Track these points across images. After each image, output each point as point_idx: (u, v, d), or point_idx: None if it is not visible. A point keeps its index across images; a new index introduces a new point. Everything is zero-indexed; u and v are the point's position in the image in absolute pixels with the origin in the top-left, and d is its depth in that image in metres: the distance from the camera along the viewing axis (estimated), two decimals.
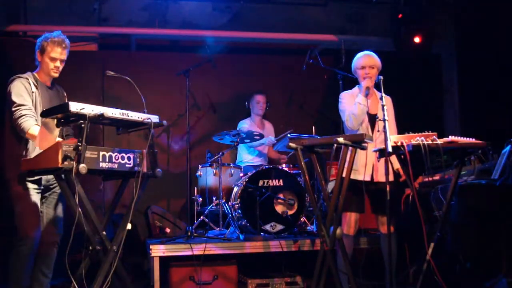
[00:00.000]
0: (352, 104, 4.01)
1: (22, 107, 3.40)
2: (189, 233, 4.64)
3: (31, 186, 3.49)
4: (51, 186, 3.64)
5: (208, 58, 5.24)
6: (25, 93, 3.46)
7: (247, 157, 5.68)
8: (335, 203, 3.43)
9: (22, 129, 3.34)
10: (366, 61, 4.08)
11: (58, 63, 3.61)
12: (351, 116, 3.98)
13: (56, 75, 3.64)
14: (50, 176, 3.52)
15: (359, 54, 4.17)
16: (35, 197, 3.51)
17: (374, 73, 4.06)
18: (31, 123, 3.35)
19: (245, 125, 5.65)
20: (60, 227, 3.68)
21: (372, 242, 4.71)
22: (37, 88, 3.53)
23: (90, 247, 3.16)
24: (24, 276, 3.48)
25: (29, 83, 3.51)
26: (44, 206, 3.62)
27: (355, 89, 4.20)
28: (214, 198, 5.01)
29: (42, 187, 3.57)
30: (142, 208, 5.53)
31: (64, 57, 3.63)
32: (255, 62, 6.48)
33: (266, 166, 4.98)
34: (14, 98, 3.43)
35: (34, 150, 3.47)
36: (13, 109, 3.40)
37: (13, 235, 3.54)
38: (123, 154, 3.18)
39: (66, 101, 3.73)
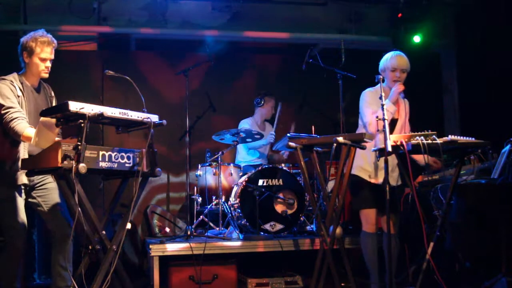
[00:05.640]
0: (376, 107, 3.66)
1: (12, 110, 3.28)
2: (188, 233, 4.64)
3: (12, 188, 3.39)
4: (38, 183, 3.53)
5: (207, 58, 5.24)
6: (11, 95, 3.34)
7: (247, 157, 5.67)
8: (335, 202, 3.43)
9: (16, 132, 3.22)
10: (399, 63, 3.82)
11: (48, 63, 3.51)
12: (376, 120, 3.52)
13: (47, 75, 3.54)
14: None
15: (391, 54, 3.88)
16: (19, 199, 3.41)
17: (404, 77, 3.84)
18: (24, 125, 3.23)
19: (246, 125, 5.63)
20: (69, 219, 3.52)
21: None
22: (22, 91, 3.42)
23: (90, 247, 3.16)
24: (15, 276, 3.43)
25: (14, 86, 3.38)
26: (43, 204, 3.52)
27: (378, 87, 3.71)
28: (214, 198, 5.00)
29: (28, 188, 3.47)
30: (142, 208, 5.54)
31: (53, 56, 3.53)
32: (255, 61, 6.48)
33: (266, 166, 4.98)
34: (0, 100, 3.31)
35: (24, 151, 3.41)
36: (2, 112, 3.27)
37: None
38: (123, 154, 3.18)
39: (54, 101, 3.70)
